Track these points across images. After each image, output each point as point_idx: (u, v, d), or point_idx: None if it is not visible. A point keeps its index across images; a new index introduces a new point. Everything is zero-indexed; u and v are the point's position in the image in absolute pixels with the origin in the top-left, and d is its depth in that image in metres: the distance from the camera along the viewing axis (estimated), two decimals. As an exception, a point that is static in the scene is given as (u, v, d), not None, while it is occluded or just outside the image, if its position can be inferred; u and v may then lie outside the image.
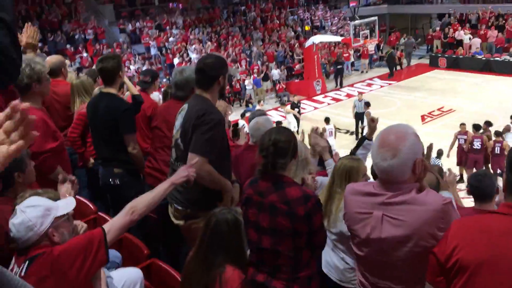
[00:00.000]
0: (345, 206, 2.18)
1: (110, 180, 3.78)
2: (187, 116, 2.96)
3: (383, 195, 1.96)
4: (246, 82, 20.71)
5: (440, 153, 11.03)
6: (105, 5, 25.65)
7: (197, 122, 2.85)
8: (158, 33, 24.02)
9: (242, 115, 15.40)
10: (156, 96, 5.75)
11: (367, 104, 15.02)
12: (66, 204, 2.30)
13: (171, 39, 23.72)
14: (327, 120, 14.56)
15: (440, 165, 10.56)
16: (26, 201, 2.18)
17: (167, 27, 24.86)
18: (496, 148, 11.04)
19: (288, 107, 16.66)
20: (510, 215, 1.62)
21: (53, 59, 4.67)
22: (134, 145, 3.73)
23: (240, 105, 20.04)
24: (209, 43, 23.30)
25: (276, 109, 19.53)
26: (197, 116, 2.86)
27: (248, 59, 22.81)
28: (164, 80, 19.44)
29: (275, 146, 2.36)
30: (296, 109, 16.48)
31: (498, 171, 10.35)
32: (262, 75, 21.26)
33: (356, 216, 2.06)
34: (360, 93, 16.02)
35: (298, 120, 16.12)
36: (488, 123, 12.43)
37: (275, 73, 21.73)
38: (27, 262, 2.08)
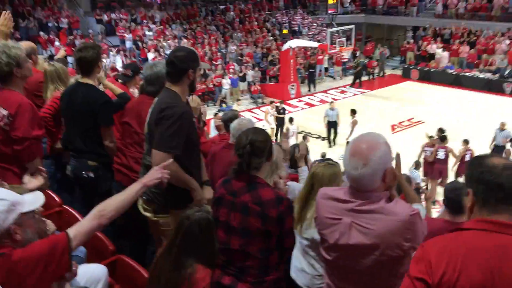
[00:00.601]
0: (316, 210, 2.19)
1: (84, 172, 3.68)
2: (153, 110, 2.91)
3: (353, 202, 1.98)
4: (223, 81, 20.65)
5: (418, 164, 11.15)
6: (81, -6, 25.16)
7: (160, 116, 2.79)
8: (134, 26, 23.70)
9: (215, 115, 15.30)
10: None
11: (353, 112, 14.89)
12: (34, 199, 2.12)
13: (147, 33, 23.43)
14: (290, 120, 14.97)
15: (418, 177, 10.82)
16: None
17: (144, 21, 24.56)
18: (467, 156, 11.38)
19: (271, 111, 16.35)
20: (492, 232, 1.55)
21: (23, 45, 4.53)
22: (111, 138, 3.65)
23: (214, 105, 19.95)
24: (185, 40, 23.13)
25: (250, 110, 19.54)
26: (159, 110, 2.80)
27: (224, 59, 22.77)
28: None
29: (251, 146, 2.36)
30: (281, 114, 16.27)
31: None
32: (241, 74, 21.23)
33: (326, 221, 2.07)
34: (332, 102, 15.87)
35: (279, 123, 15.96)
36: (441, 130, 12.81)
37: (250, 74, 21.77)
38: None
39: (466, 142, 11.86)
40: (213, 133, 7.44)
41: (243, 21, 27.11)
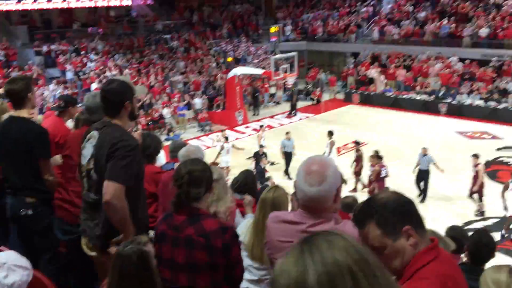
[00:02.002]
0: (267, 234, 2.17)
1: (21, 210, 3.47)
2: (100, 145, 2.80)
3: (304, 223, 1.99)
4: (166, 110, 20.50)
5: (386, 189, 11.42)
6: (18, 26, 24.38)
7: (112, 150, 2.71)
8: (75, 57, 23.18)
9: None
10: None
11: (330, 133, 14.98)
12: None
13: (89, 64, 22.98)
14: (226, 138, 15.20)
15: None
16: None
17: (85, 52, 24.10)
18: (382, 172, 12.14)
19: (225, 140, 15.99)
20: (440, 256, 1.64)
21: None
22: (50, 171, 3.48)
23: (161, 134, 19.70)
24: (126, 70, 22.88)
25: (197, 138, 19.44)
26: (111, 144, 2.72)
27: (169, 88, 22.67)
28: (80, 105, 18.66)
29: (189, 175, 2.33)
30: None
31: None
32: (185, 103, 21.18)
33: (278, 245, 2.06)
34: (288, 133, 15.52)
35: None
36: (357, 142, 14.15)
37: (198, 102, 21.77)
38: None
39: (379, 158, 12.46)
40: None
41: (188, 49, 27.21)
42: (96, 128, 2.89)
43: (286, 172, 15.14)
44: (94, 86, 20.70)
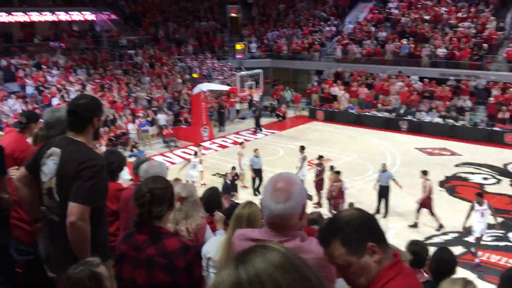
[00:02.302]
0: (232, 252, 2.15)
1: None
2: (64, 163, 2.70)
3: (270, 241, 1.97)
4: (130, 126, 20.22)
5: (351, 206, 11.39)
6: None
7: (79, 170, 2.63)
8: (36, 72, 22.60)
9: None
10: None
11: (302, 148, 15.17)
12: None
13: (49, 78, 22.45)
14: (195, 153, 15.39)
15: None
16: None
17: (47, 66, 23.55)
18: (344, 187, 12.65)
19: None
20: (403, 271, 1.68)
21: None
22: (5, 189, 3.34)
23: (125, 150, 19.35)
24: (89, 85, 22.49)
25: (162, 154, 19.22)
26: (78, 163, 2.64)
27: (133, 103, 22.40)
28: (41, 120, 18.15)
29: (151, 194, 2.30)
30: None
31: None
32: (149, 119, 20.95)
33: (244, 264, 2.03)
34: (256, 150, 15.42)
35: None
36: (320, 157, 14.50)
37: (161, 118, 21.57)
38: None
39: (337, 173, 12.85)
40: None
41: (153, 65, 27.03)
42: (58, 145, 2.80)
43: (254, 189, 15.06)
44: (55, 101, 20.20)
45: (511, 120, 20.46)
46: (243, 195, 13.73)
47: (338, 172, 12.95)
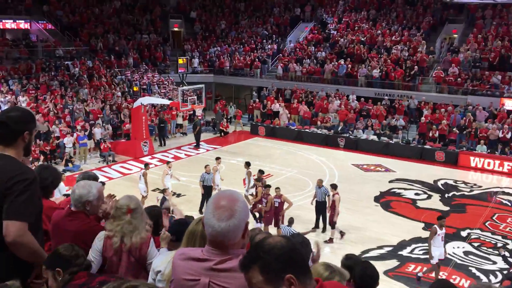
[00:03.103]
0: (173, 272, 2.10)
1: None
2: None
3: (211, 260, 1.95)
4: (66, 140, 19.44)
5: (291, 221, 11.41)
6: None
7: (9, 185, 2.49)
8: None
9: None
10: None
11: (248, 164, 15.10)
12: None
13: (-21, 88, 21.21)
14: (145, 166, 15.49)
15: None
16: None
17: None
18: (275, 203, 12.74)
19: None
20: None
21: None
22: None
23: (57, 164, 18.56)
24: (20, 96, 21.45)
25: (99, 169, 18.59)
26: (8, 179, 2.50)
27: (70, 115, 21.58)
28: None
29: None
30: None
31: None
32: (86, 133, 20.23)
33: (184, 283, 2.00)
34: (207, 166, 15.00)
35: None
36: (260, 171, 14.63)
37: (97, 132, 20.92)
38: None
39: (267, 187, 13.03)
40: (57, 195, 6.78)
41: (91, 77, 26.24)
42: None
43: (202, 205, 14.64)
44: (-17, 112, 19.06)
45: (440, 139, 21.69)
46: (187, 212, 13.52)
47: (268, 186, 13.05)
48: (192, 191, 16.10)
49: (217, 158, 16.01)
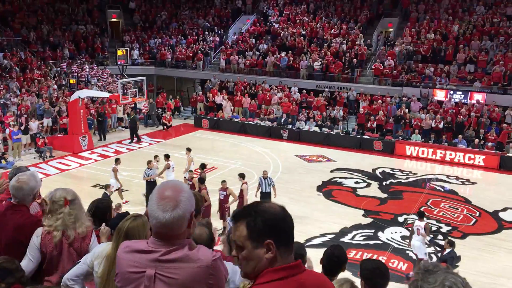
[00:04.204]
0: (117, 266, 2.06)
1: None
2: None
3: (157, 252, 1.92)
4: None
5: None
6: None
7: None
8: None
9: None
10: None
11: (167, 156, 14.96)
12: None
13: None
14: (116, 160, 15.18)
15: None
16: None
17: None
18: (220, 195, 12.83)
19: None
20: (292, 276, 1.70)
21: None
22: None
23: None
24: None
25: (35, 165, 17.75)
26: None
27: (1, 110, 20.43)
28: None
29: None
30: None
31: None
32: (22, 127, 19.23)
33: (129, 276, 1.97)
34: (150, 162, 14.66)
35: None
36: (202, 165, 14.56)
37: (34, 126, 19.96)
38: None
39: (200, 180, 12.77)
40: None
41: (24, 69, 24.92)
42: None
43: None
44: None
45: (378, 129, 22.54)
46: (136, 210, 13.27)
47: (201, 180, 12.77)
48: (135, 186, 15.78)
49: (116, 160, 15.49)
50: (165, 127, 24.99)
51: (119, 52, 27.77)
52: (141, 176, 14.74)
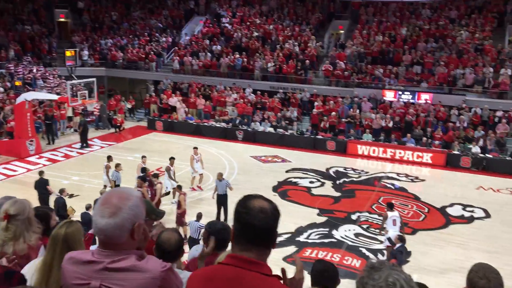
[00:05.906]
0: (62, 278, 1.97)
1: None
2: None
3: (102, 262, 1.86)
4: None
5: (199, 216, 11.34)
6: None
7: None
8: None
9: None
10: None
11: (109, 158, 14.71)
12: None
13: None
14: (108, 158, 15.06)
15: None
16: None
17: None
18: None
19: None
20: (232, 266, 1.81)
21: None
22: None
23: None
24: None
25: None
26: None
27: None
28: None
29: None
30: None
31: None
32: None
33: (73, 288, 1.89)
34: (118, 165, 14.74)
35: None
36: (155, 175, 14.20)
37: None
38: None
39: (143, 180, 13.01)
40: None
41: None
42: None
43: None
44: None
45: (331, 129, 22.96)
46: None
47: (143, 179, 13.04)
48: (86, 191, 15.31)
49: (109, 157, 15.49)
50: (117, 129, 24.41)
51: (68, 53, 26.92)
52: (93, 181, 14.37)
